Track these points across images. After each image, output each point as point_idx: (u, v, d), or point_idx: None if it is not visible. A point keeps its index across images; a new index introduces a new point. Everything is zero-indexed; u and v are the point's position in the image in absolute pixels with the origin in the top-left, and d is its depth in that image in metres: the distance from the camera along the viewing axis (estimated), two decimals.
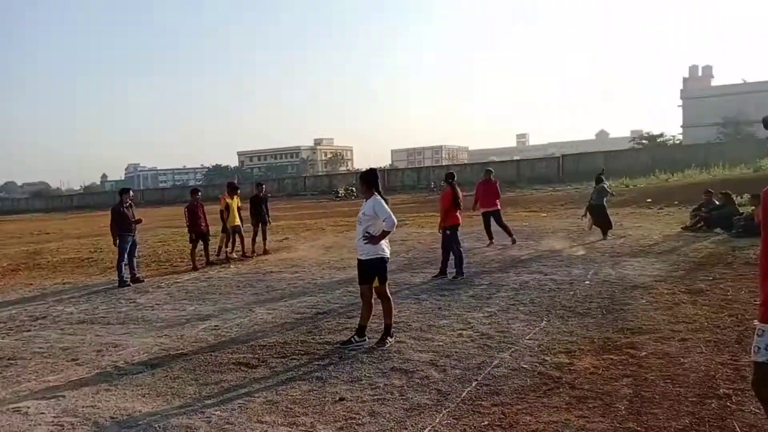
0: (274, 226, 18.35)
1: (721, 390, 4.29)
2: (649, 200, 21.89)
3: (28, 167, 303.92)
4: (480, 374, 4.97)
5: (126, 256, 11.21)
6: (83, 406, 4.87)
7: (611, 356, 5.18)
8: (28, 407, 4.94)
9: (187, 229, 12.77)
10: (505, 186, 40.78)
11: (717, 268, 8.87)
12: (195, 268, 12.38)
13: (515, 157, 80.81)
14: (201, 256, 13.03)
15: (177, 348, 6.48)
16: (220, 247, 13.86)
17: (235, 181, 14.89)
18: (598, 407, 4.13)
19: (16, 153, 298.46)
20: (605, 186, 13.74)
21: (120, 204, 11.38)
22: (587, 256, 10.65)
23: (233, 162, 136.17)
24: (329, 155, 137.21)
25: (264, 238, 14.47)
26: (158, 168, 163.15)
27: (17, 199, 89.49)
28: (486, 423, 4.02)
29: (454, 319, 6.87)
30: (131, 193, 12.10)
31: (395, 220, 6.02)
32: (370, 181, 6.19)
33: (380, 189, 6.20)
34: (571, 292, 7.79)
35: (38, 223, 40.12)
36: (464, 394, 4.57)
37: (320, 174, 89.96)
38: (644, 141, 56.87)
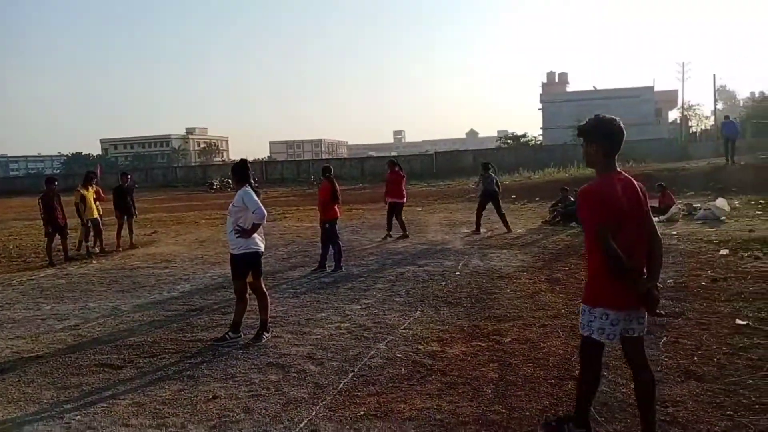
0: (141, 219, 17.37)
1: (576, 371, 4.71)
2: (514, 196, 23.41)
3: None
4: (356, 365, 5.06)
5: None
6: None
7: (479, 343, 5.51)
8: None
9: (42, 221, 11.69)
10: (382, 181, 41.77)
11: (572, 258, 9.70)
12: (52, 264, 11.37)
13: (392, 153, 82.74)
14: (58, 250, 11.99)
15: (31, 350, 5.94)
16: (80, 241, 12.84)
17: (98, 171, 13.83)
18: (467, 392, 4.38)
19: None
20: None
21: (48, 192, 10.94)
22: (458, 248, 11.19)
23: (96, 150, 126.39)
24: (203, 145, 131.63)
25: (130, 231, 13.62)
26: (9, 155, 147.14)
27: None
28: (362, 413, 4.11)
29: (332, 311, 6.93)
30: (56, 182, 11.35)
31: (265, 212, 5.93)
32: (239, 172, 6.09)
33: (251, 180, 6.10)
34: (443, 283, 8.16)
35: None
36: (341, 385, 4.64)
37: (193, 165, 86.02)
38: (509, 141, 60.64)
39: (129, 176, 14.40)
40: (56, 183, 12.38)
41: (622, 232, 3.17)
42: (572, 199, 14.48)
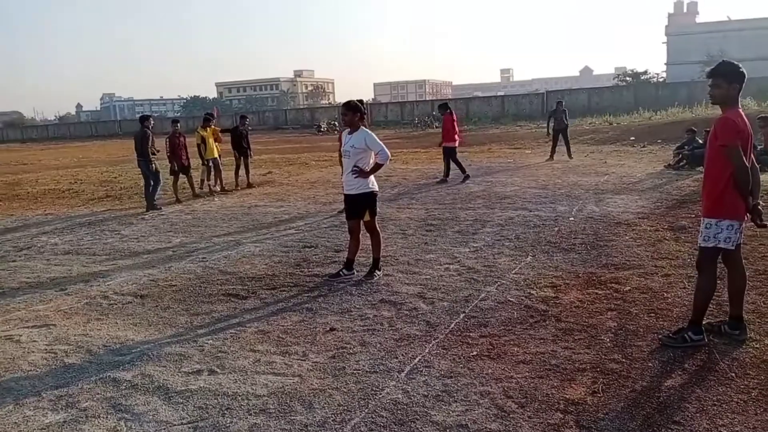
0: (256, 160, 18.15)
1: (704, 323, 4.44)
2: (633, 138, 21.98)
3: (1, 97, 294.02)
4: (467, 307, 5.07)
5: (151, 181, 11.54)
6: (75, 335, 4.90)
7: (596, 291, 5.31)
8: (20, 335, 4.96)
9: (168, 160, 12.54)
10: (489, 122, 40.71)
11: (698, 205, 9.00)
12: (178, 201, 12.27)
13: (499, 93, 79.99)
14: (183, 189, 12.89)
15: (165, 279, 6.50)
16: (202, 180, 13.71)
17: (215, 113, 14.53)
18: (583, 339, 4.26)
19: None
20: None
21: (145, 128, 11.61)
22: (571, 192, 10.74)
23: (212, 93, 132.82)
24: (310, 87, 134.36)
25: (247, 172, 14.32)
26: (135, 99, 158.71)
27: None
28: (475, 353, 4.13)
29: (440, 253, 6.95)
30: (152, 120, 12.07)
31: (389, 153, 5.96)
32: (358, 109, 6.00)
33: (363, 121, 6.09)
34: (556, 228, 7.90)
35: (14, 154, 39.19)
36: (452, 325, 4.68)
37: (302, 107, 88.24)
38: (628, 78, 56.35)
39: (247, 119, 15.02)
40: (179, 124, 13.17)
41: (744, 156, 3.80)
42: (700, 141, 13.35)
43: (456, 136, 13.37)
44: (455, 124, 13.46)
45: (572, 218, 8.50)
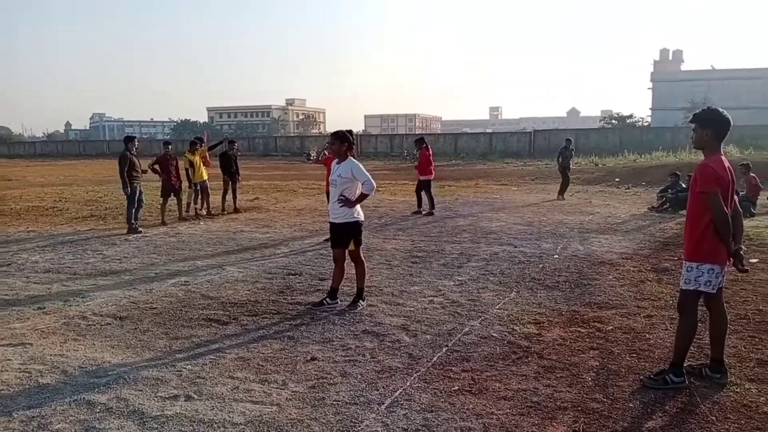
0: (244, 186, 18.15)
1: (685, 365, 4.46)
2: (618, 180, 22.30)
3: None
4: (450, 340, 5.05)
5: (134, 202, 11.33)
6: (51, 355, 4.80)
7: (579, 329, 5.33)
8: None
9: (161, 182, 12.50)
10: (477, 158, 41.14)
11: (681, 248, 9.10)
12: (164, 223, 12.19)
13: (488, 130, 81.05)
14: (170, 210, 12.82)
15: (146, 301, 6.41)
16: (188, 204, 13.64)
17: (204, 137, 14.56)
18: (565, 377, 4.25)
19: None
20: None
21: (127, 150, 11.25)
22: (556, 230, 10.84)
23: (203, 117, 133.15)
24: (301, 116, 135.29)
25: (234, 197, 14.31)
26: (125, 119, 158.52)
27: None
28: (456, 388, 4.10)
29: (425, 285, 6.95)
30: (137, 141, 11.85)
31: (374, 184, 6.00)
32: (346, 139, 6.07)
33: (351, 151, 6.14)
34: (541, 265, 7.94)
35: (0, 169, 38.79)
36: (435, 358, 4.65)
37: (292, 135, 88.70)
38: (614, 121, 57.45)
39: (236, 144, 15.05)
40: (170, 146, 13.18)
41: (724, 202, 3.89)
42: (683, 185, 13.57)
43: (431, 170, 13.57)
44: (431, 158, 13.67)
45: (557, 256, 8.56)
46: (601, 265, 7.98)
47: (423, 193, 13.47)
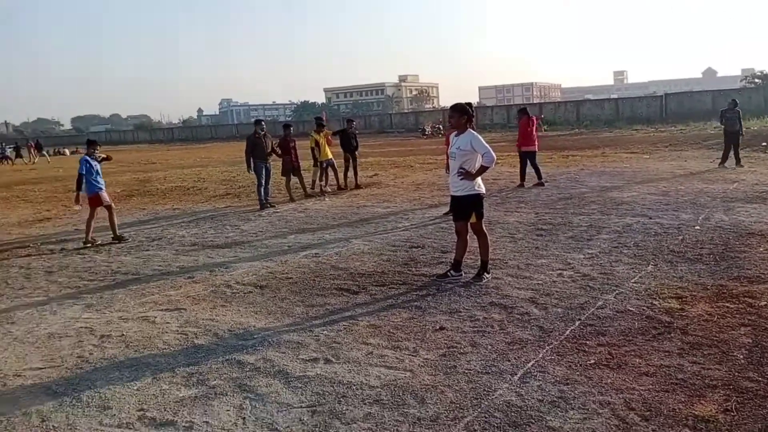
0: (362, 163, 18.54)
1: None
2: (765, 144, 20.16)
3: (131, 100, 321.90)
4: (583, 314, 4.89)
5: (262, 181, 11.98)
6: (203, 319, 5.28)
7: (727, 304, 4.93)
8: (155, 317, 5.43)
9: (281, 162, 13.17)
10: (602, 126, 38.95)
11: None
12: (292, 200, 12.84)
13: (613, 95, 76.28)
14: (296, 188, 13.46)
15: (282, 272, 6.82)
16: (314, 181, 14.23)
17: (323, 117, 15.13)
18: (713, 355, 3.97)
19: (120, 87, 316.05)
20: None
21: (254, 133, 11.94)
22: (696, 200, 10.04)
23: (320, 98, 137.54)
24: (414, 92, 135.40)
25: (355, 174, 14.71)
26: (249, 103, 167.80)
27: (124, 131, 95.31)
28: (592, 361, 3.98)
29: (552, 258, 6.75)
30: (263, 123, 12.61)
31: (494, 156, 5.88)
32: (466, 111, 5.99)
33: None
34: (680, 237, 7.41)
35: (144, 154, 42.67)
36: (567, 332, 4.53)
37: (406, 111, 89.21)
38: (757, 80, 51.70)
39: (354, 122, 15.51)
40: (291, 128, 13.80)
41: None
42: None
43: (532, 140, 12.98)
44: (530, 129, 13.03)
45: (698, 227, 7.94)
46: (750, 236, 7.29)
47: (529, 166, 12.92)
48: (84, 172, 9.15)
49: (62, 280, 7.12)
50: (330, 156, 13.90)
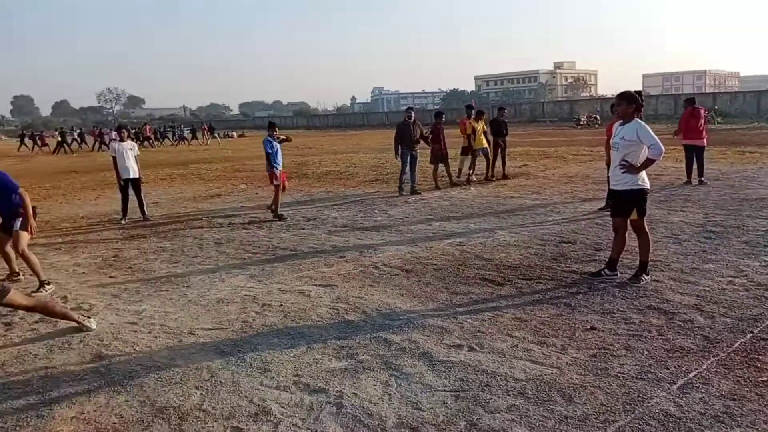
0: (511, 152, 18.14)
1: None
2: None
3: (291, 89, 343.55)
4: (756, 327, 4.41)
5: (406, 169, 12.28)
6: (353, 296, 5.55)
7: None
8: (310, 291, 5.80)
9: (431, 150, 13.29)
10: None
11: None
12: (437, 188, 12.94)
13: None
14: (442, 176, 13.53)
15: (427, 258, 6.93)
16: (459, 170, 14.21)
17: (473, 105, 14.99)
18: None
19: (284, 76, 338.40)
20: None
21: (403, 121, 12.34)
22: None
23: (470, 86, 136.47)
24: (570, 80, 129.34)
25: (503, 163, 14.45)
26: (400, 92, 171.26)
27: (284, 117, 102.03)
28: (765, 378, 3.59)
29: (722, 264, 6.14)
30: (413, 111, 12.91)
31: (663, 148, 5.46)
32: (634, 99, 5.61)
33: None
34: None
35: (302, 139, 45.35)
36: (737, 344, 4.12)
37: (560, 99, 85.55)
38: None
39: (505, 110, 15.21)
40: (443, 116, 13.84)
41: None
42: None
43: (698, 134, 11.68)
44: (693, 121, 11.71)
45: None
46: None
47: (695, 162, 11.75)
48: (271, 151, 10.06)
49: (229, 252, 7.84)
50: (485, 144, 13.79)
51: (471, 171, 13.89)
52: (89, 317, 5.17)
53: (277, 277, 6.42)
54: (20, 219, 6.22)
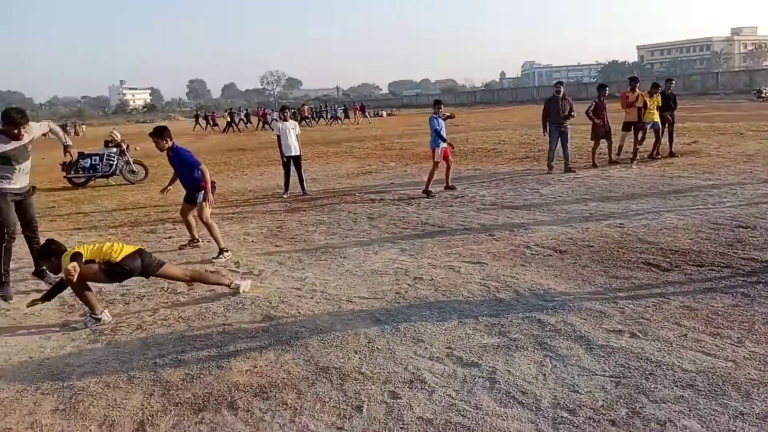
0: (679, 128, 16.62)
1: None
2: None
3: (439, 66, 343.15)
4: None
5: (554, 146, 11.95)
6: (504, 275, 5.50)
7: None
8: (460, 267, 5.84)
9: (592, 126, 12.59)
10: None
11: None
12: (594, 166, 12.28)
13: None
14: (600, 154, 12.79)
15: (582, 239, 6.64)
16: (620, 147, 13.32)
17: (636, 77, 13.87)
18: None
19: (430, 54, 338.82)
20: None
21: (551, 96, 12.02)
22: None
23: (631, 57, 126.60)
24: (749, 47, 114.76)
25: (670, 140, 13.32)
26: (553, 65, 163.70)
27: (432, 95, 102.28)
28: None
29: None
30: (562, 86, 12.37)
31: None
32: None
33: None
34: None
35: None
36: None
37: (736, 70, 76.40)
38: None
39: (673, 82, 13.98)
40: (607, 89, 13.00)
41: None
42: None
43: None
44: None
45: None
46: None
47: None
48: (438, 128, 10.31)
49: (381, 226, 8.12)
50: (656, 119, 12.76)
51: (637, 147, 12.88)
52: (242, 280, 5.63)
53: (427, 252, 6.54)
54: (202, 192, 6.96)
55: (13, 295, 5.79)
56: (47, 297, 5.08)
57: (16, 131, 5.47)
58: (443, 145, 10.41)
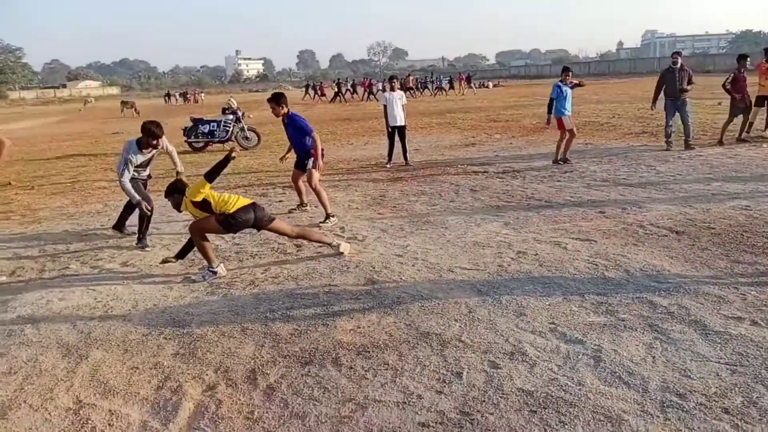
0: None
1: None
2: None
3: (551, 36, 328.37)
4: None
5: (670, 121, 11.25)
6: (613, 254, 5.28)
7: None
8: (566, 244, 5.68)
9: (730, 100, 11.61)
10: None
11: None
12: (720, 143, 11.36)
13: None
14: (729, 131, 11.80)
15: (703, 220, 6.22)
16: (750, 123, 12.19)
17: None
18: None
19: (541, 22, 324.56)
20: None
21: (668, 67, 11.29)
22: None
23: (766, 27, 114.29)
24: None
25: None
26: (677, 34, 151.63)
27: (541, 66, 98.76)
28: None
29: None
30: (680, 57, 11.49)
31: None
32: None
33: None
34: None
35: None
36: None
37: None
38: None
39: None
40: (748, 59, 11.88)
41: None
42: None
43: None
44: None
45: None
46: None
47: None
48: (555, 97, 10.20)
49: (484, 198, 8.03)
50: None
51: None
52: (343, 242, 5.83)
53: (532, 227, 6.41)
54: (312, 159, 7.22)
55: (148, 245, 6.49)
56: (180, 255, 5.56)
57: (155, 142, 6.35)
58: (567, 113, 10.18)
